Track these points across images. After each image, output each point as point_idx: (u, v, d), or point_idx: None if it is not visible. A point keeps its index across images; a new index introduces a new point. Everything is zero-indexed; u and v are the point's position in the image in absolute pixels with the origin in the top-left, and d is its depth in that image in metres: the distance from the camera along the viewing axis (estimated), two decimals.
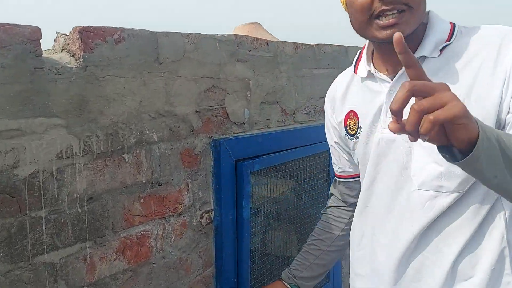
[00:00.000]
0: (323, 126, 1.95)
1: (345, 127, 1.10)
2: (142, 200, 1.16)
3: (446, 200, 0.90)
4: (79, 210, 1.03)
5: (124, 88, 1.09)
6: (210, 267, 1.39)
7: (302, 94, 1.72)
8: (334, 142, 1.20)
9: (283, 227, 1.75)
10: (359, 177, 1.14)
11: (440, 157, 0.68)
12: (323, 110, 1.90)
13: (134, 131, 1.13)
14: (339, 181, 1.27)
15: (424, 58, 0.91)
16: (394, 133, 0.64)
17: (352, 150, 1.11)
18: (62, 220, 0.99)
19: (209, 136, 1.34)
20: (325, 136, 1.88)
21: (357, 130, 1.06)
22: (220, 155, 1.34)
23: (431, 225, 0.93)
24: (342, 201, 1.27)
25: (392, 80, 0.95)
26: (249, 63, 1.45)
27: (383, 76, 0.97)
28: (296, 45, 1.66)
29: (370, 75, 1.01)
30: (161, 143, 1.20)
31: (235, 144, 1.39)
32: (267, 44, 1.52)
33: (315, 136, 1.77)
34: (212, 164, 1.35)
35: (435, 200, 0.91)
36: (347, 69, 1.16)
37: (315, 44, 1.76)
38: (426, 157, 0.91)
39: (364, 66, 1.02)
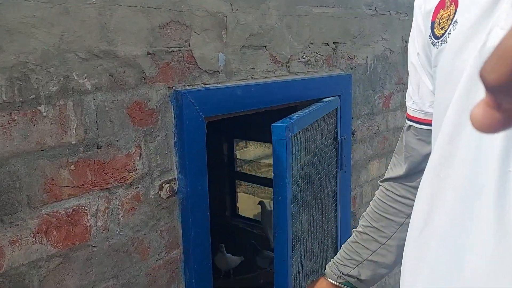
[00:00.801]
0: (327, 78, 1.63)
1: (432, 24, 0.65)
2: (72, 167, 0.90)
3: None
4: None
5: (35, 16, 0.81)
6: (176, 249, 1.14)
7: (299, 38, 1.39)
8: (417, 54, 0.74)
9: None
10: None
11: None
12: (327, 59, 1.58)
13: (55, 75, 0.85)
14: (409, 125, 0.79)
15: None
16: (482, 131, 0.27)
17: (433, 67, 0.68)
18: None
19: (169, 87, 1.05)
20: (333, 88, 1.51)
21: (447, 28, 0.61)
22: (183, 111, 1.05)
23: None
24: (407, 161, 0.82)
25: None
26: None
27: None
28: None
29: None
30: (97, 93, 0.92)
31: (204, 97, 1.10)
32: None
33: (316, 91, 1.46)
34: (173, 122, 1.07)
35: None
36: None
37: None
38: None
39: None
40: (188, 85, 1.09)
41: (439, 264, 0.59)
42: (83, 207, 0.93)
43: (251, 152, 4.81)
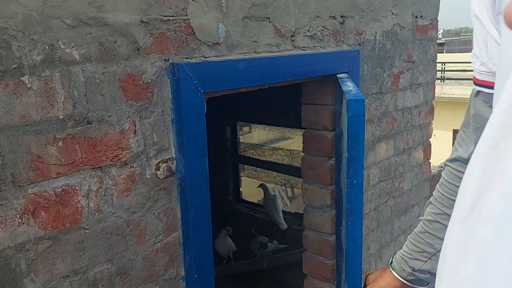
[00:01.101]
0: (334, 53, 1.54)
1: None
2: (60, 143, 0.84)
3: None
4: None
5: None
6: (175, 232, 1.08)
7: (304, 10, 1.31)
8: (482, 3, 0.62)
9: None
10: None
11: None
12: (334, 34, 1.50)
13: (39, 43, 0.78)
14: (477, 91, 0.68)
15: None
16: None
17: (497, 15, 0.59)
18: None
19: (165, 59, 0.98)
20: (340, 65, 1.45)
21: None
22: (181, 85, 0.98)
23: None
24: (477, 133, 0.70)
25: None
26: None
27: None
28: None
29: None
30: (86, 63, 0.85)
31: (203, 70, 1.02)
32: None
33: (322, 67, 1.38)
34: (170, 97, 1.00)
35: None
36: None
37: None
38: None
39: None
40: (185, 58, 1.01)
41: (493, 240, 0.49)
42: (73, 187, 0.87)
43: (255, 137, 4.74)
